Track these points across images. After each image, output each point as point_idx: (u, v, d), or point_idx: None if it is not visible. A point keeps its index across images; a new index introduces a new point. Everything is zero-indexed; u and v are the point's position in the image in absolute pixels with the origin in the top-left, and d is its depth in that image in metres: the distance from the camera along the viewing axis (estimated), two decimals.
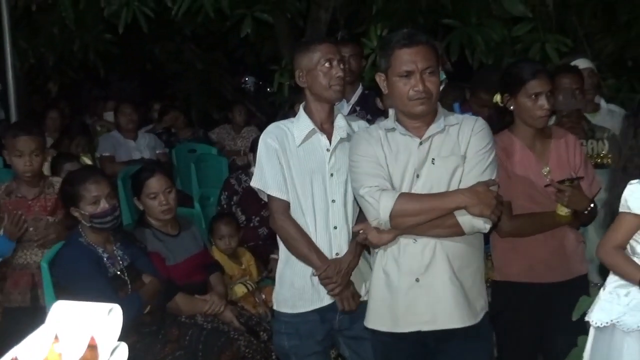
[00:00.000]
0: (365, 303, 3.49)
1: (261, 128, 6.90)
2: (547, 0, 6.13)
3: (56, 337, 0.71)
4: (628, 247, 3.05)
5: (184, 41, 8.54)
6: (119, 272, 4.11)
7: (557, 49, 6.07)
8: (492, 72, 5.37)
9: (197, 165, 6.48)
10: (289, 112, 4.89)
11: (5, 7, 5.70)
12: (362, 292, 3.58)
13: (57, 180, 4.68)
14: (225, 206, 5.61)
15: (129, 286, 4.09)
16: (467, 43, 6.30)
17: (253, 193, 5.51)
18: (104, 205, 4.10)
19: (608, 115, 4.74)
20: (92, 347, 0.70)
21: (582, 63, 4.88)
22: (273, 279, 4.74)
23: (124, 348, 0.73)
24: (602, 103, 4.96)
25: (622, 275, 3.02)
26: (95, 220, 4.10)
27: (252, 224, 5.50)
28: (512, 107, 3.75)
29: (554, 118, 4.06)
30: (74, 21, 6.59)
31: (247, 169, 5.83)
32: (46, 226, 4.63)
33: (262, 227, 5.43)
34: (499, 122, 3.80)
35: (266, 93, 8.94)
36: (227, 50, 8.97)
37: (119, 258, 4.16)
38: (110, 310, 0.72)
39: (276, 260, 4.74)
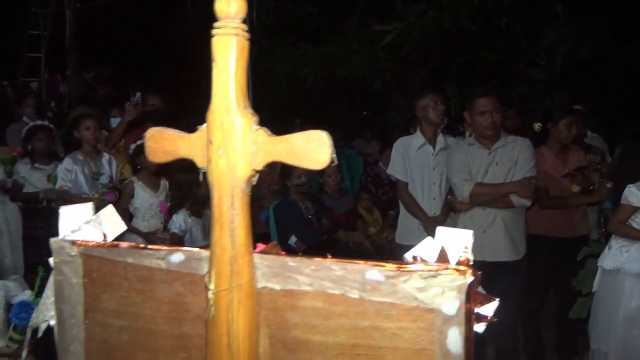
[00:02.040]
0: None
1: (381, 141, 6.96)
2: (556, 69, 5.76)
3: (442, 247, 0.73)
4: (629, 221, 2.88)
5: (338, 91, 8.47)
6: (310, 217, 4.14)
7: (560, 99, 5.61)
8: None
9: (347, 161, 6.51)
10: (402, 132, 4.87)
11: (250, 73, 5.89)
12: None
13: (276, 166, 4.82)
14: (364, 183, 5.64)
15: (315, 224, 4.11)
16: (507, 96, 6.06)
17: (378, 176, 5.63)
18: (303, 179, 4.24)
19: (591, 140, 4.45)
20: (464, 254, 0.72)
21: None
22: (390, 226, 4.84)
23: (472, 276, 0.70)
24: (588, 132, 4.61)
25: (629, 237, 2.85)
26: (298, 188, 4.17)
27: (378, 194, 5.48)
28: (552, 130, 3.59)
29: None
30: (285, 79, 6.74)
31: (375, 164, 5.88)
32: (272, 189, 4.72)
33: (383, 195, 5.41)
34: (536, 141, 3.67)
35: (378, 121, 8.67)
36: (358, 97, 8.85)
37: (310, 209, 4.20)
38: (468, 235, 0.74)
39: (392, 215, 4.84)
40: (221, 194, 0.69)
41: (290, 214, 4.15)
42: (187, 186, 3.66)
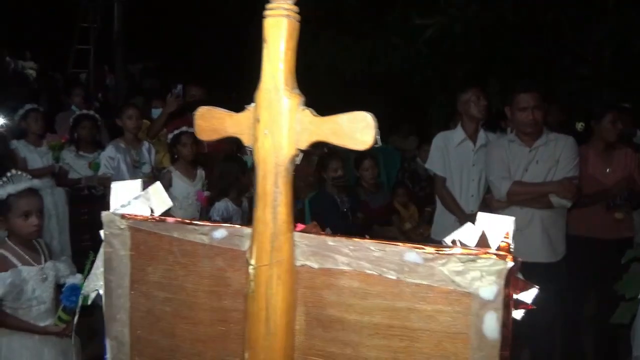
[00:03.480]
0: None
1: (419, 136, 6.84)
2: (605, 64, 5.52)
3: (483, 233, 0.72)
4: None
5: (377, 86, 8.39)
6: (345, 210, 4.13)
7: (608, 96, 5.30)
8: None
9: (384, 156, 6.42)
10: (442, 128, 4.79)
11: None
12: None
13: (313, 158, 4.76)
14: (400, 178, 5.62)
15: (350, 218, 4.11)
16: (552, 92, 5.85)
17: (416, 172, 5.57)
18: (339, 172, 4.22)
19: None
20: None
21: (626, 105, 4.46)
22: (426, 222, 4.78)
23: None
24: (638, 131, 4.42)
25: None
26: (334, 181, 4.14)
27: (414, 190, 5.45)
28: (595, 128, 3.50)
29: None
30: (325, 74, 6.65)
31: (413, 159, 5.83)
32: (308, 181, 4.66)
33: (420, 191, 5.39)
34: (579, 141, 3.56)
35: (417, 117, 8.47)
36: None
37: (345, 202, 4.19)
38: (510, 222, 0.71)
39: (429, 212, 4.80)
40: (266, 172, 0.71)
41: (326, 207, 4.16)
42: (235, 176, 3.74)
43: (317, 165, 4.46)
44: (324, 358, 0.74)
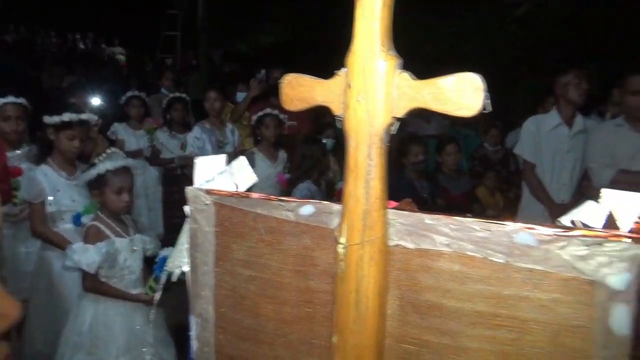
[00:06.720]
0: None
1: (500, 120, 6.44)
2: None
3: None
4: None
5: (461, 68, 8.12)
6: (424, 196, 3.98)
7: None
8: None
9: (464, 142, 6.17)
10: (528, 112, 4.51)
11: None
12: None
13: None
14: (471, 165, 5.36)
15: (429, 204, 3.92)
16: None
17: (485, 157, 5.26)
18: (420, 157, 4.02)
19: None
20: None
21: None
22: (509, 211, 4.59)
23: None
24: None
25: None
26: (414, 165, 3.96)
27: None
28: None
29: None
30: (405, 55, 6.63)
31: (481, 144, 5.55)
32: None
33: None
34: None
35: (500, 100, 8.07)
36: None
37: (425, 188, 4.01)
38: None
39: (510, 198, 4.61)
40: (358, 143, 0.66)
41: (404, 193, 4.06)
42: (316, 158, 3.75)
43: (397, 150, 4.35)
44: (419, 346, 0.68)
